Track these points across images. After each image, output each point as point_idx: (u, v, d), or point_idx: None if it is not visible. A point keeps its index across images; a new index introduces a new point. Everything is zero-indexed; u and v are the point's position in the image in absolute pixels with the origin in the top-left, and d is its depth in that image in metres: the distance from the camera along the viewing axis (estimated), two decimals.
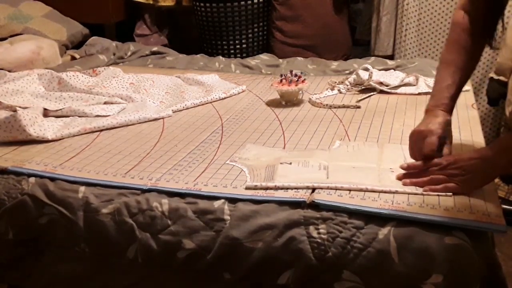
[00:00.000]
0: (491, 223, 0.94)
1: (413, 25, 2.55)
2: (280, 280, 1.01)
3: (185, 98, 1.78)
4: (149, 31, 3.05)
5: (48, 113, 1.61)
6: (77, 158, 1.32)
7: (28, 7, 2.62)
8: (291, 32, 2.78)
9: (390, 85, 1.76)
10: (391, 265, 0.93)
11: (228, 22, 2.79)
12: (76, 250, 1.15)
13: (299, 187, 1.08)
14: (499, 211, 0.98)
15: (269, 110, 1.65)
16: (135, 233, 1.09)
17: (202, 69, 2.23)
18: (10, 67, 2.12)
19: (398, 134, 1.38)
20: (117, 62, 2.39)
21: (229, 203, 1.07)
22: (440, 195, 1.03)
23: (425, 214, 0.96)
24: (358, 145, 1.30)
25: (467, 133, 1.36)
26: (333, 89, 1.81)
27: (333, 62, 2.17)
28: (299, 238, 0.99)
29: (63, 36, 2.58)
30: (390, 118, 1.51)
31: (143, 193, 1.13)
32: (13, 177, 1.23)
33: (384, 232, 0.95)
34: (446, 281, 0.90)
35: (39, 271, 1.22)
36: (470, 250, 0.92)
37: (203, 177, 1.17)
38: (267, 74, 2.13)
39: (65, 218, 1.14)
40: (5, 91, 1.71)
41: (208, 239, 1.04)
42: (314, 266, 0.98)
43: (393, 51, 2.69)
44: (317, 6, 2.73)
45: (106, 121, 1.53)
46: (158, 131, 1.50)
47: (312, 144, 1.34)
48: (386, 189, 1.05)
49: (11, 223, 1.20)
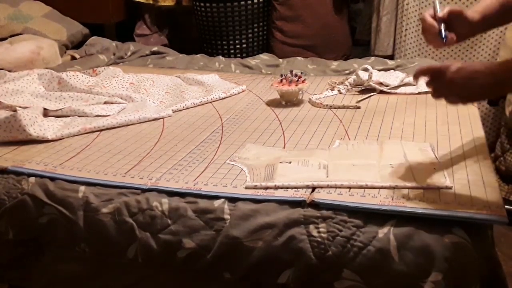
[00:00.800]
0: (492, 215, 0.94)
1: (413, 25, 2.55)
2: (280, 279, 1.01)
3: (185, 98, 1.78)
4: (149, 31, 3.05)
5: (48, 113, 1.61)
6: (77, 158, 1.32)
7: (28, 7, 2.63)
8: (291, 32, 2.78)
9: (390, 85, 1.76)
10: (391, 263, 0.93)
11: (228, 22, 2.79)
12: (76, 250, 1.15)
13: (299, 186, 1.08)
14: (500, 203, 0.98)
15: (269, 110, 1.65)
16: (135, 232, 1.09)
17: (202, 69, 2.23)
18: (10, 67, 2.12)
19: (398, 133, 1.38)
20: (117, 62, 2.39)
21: (229, 202, 1.07)
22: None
23: (426, 209, 0.97)
24: (357, 143, 1.31)
25: (468, 129, 1.37)
26: (333, 90, 1.81)
27: (333, 62, 2.17)
28: (299, 237, 0.99)
29: (63, 36, 2.58)
30: (390, 117, 1.51)
31: (143, 192, 1.13)
32: (13, 177, 1.23)
33: (384, 230, 0.95)
34: (446, 280, 0.90)
35: (39, 271, 1.22)
36: (470, 248, 0.92)
37: (203, 177, 1.17)
38: (267, 74, 2.13)
39: (65, 218, 1.14)
40: (5, 91, 1.71)
41: (208, 239, 1.04)
42: (314, 265, 0.98)
43: (393, 51, 2.69)
44: (317, 6, 2.73)
45: (106, 121, 1.53)
46: (158, 131, 1.50)
47: (312, 144, 1.34)
48: (386, 185, 1.06)
49: (11, 223, 1.20)
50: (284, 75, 1.71)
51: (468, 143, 1.27)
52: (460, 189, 1.04)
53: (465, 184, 1.06)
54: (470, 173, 1.11)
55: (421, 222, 0.95)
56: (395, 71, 1.94)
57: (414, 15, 2.54)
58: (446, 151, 1.24)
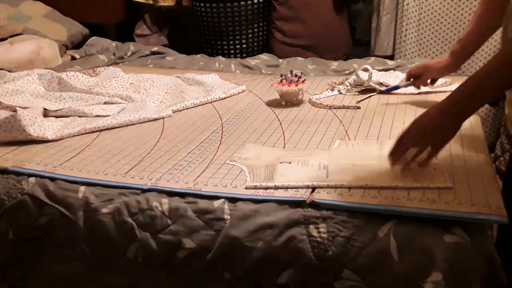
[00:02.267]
0: (492, 215, 0.94)
1: (413, 25, 2.55)
2: (280, 280, 1.01)
3: (185, 98, 1.78)
4: (149, 31, 3.05)
5: (48, 113, 1.61)
6: (77, 158, 1.32)
7: (28, 7, 2.63)
8: (291, 32, 2.78)
9: (390, 85, 1.76)
10: (391, 263, 0.93)
11: (228, 22, 2.79)
12: (76, 250, 1.15)
13: (299, 186, 1.08)
14: (500, 202, 0.98)
15: (269, 110, 1.65)
16: (135, 232, 1.09)
17: (202, 69, 2.23)
18: (10, 67, 2.12)
19: (398, 133, 1.37)
20: (117, 62, 2.39)
21: (229, 202, 1.07)
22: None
23: (426, 209, 0.97)
24: (357, 143, 1.31)
25: (468, 129, 1.36)
26: (333, 90, 1.81)
27: (333, 62, 2.17)
28: (299, 237, 0.99)
29: (63, 36, 2.58)
30: (390, 117, 1.51)
31: (143, 192, 1.13)
32: (13, 177, 1.23)
33: (384, 230, 0.95)
34: (446, 280, 0.90)
35: (39, 271, 1.22)
36: (470, 248, 0.92)
37: (203, 177, 1.17)
38: (267, 74, 2.13)
39: (65, 218, 1.14)
40: (5, 91, 1.71)
41: (208, 239, 1.04)
42: (314, 265, 0.98)
43: (393, 51, 2.68)
44: (317, 6, 2.73)
45: (106, 121, 1.53)
46: (158, 131, 1.50)
47: (312, 144, 1.34)
48: (386, 185, 1.05)
49: (11, 223, 1.20)
50: (284, 75, 1.71)
51: (468, 143, 1.27)
52: (460, 189, 1.03)
53: (465, 184, 1.06)
54: (470, 173, 1.11)
55: (421, 222, 0.95)
56: (395, 71, 1.94)
57: (414, 15, 2.54)
58: (446, 151, 1.24)
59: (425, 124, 1.06)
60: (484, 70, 1.00)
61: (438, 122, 1.04)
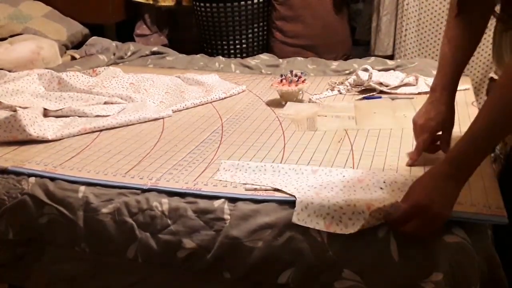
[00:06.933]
0: (492, 215, 0.94)
1: (413, 25, 2.56)
2: (280, 280, 1.01)
3: (185, 98, 1.78)
4: (149, 31, 3.05)
5: (48, 113, 1.61)
6: (77, 158, 1.32)
7: (28, 7, 2.62)
8: (291, 32, 2.78)
9: (390, 85, 1.76)
10: (391, 263, 0.93)
11: (228, 22, 2.79)
12: (76, 250, 1.15)
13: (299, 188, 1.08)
14: (500, 202, 0.98)
15: (269, 110, 1.65)
16: (135, 232, 1.09)
17: (202, 69, 2.23)
18: (10, 67, 2.12)
19: (398, 133, 1.38)
20: (117, 62, 2.39)
21: (229, 202, 1.07)
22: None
23: None
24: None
25: (466, 125, 1.36)
26: (333, 90, 1.81)
27: (333, 62, 2.17)
28: (299, 237, 0.99)
29: (63, 36, 2.58)
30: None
31: (143, 192, 1.13)
32: (13, 177, 1.23)
33: (384, 230, 0.95)
34: (446, 280, 0.90)
35: (39, 271, 1.22)
36: (470, 248, 0.92)
37: (203, 177, 1.17)
38: (267, 74, 2.13)
39: (65, 218, 1.14)
40: (5, 91, 1.71)
41: (208, 239, 1.04)
42: (314, 265, 0.98)
43: (393, 51, 2.69)
44: (317, 6, 2.73)
45: (106, 121, 1.53)
46: (158, 131, 1.50)
47: (313, 144, 1.34)
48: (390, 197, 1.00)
49: (11, 223, 1.20)
50: (284, 75, 1.71)
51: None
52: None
53: (465, 184, 1.05)
54: None
55: None
56: (395, 71, 1.94)
57: (414, 15, 2.54)
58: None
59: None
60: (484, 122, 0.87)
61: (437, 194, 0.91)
